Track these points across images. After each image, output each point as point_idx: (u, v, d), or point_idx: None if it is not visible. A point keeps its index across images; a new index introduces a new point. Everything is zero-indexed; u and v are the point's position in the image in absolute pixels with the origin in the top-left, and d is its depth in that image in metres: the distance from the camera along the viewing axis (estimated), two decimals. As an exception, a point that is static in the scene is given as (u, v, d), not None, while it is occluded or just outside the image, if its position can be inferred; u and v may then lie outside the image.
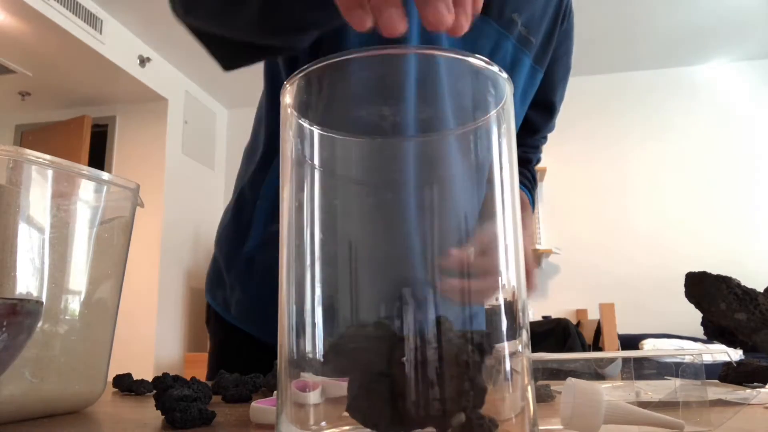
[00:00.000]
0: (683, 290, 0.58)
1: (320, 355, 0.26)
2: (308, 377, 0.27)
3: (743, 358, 1.21)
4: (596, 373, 0.46)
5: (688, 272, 0.58)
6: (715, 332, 0.59)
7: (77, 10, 3.41)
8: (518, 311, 0.27)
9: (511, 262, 0.28)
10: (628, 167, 4.26)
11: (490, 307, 0.27)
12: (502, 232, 0.28)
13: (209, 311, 0.92)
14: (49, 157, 0.49)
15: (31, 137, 4.40)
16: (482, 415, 0.24)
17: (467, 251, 0.26)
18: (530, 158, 1.02)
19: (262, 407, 0.44)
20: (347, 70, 0.29)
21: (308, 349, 0.27)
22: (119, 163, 4.32)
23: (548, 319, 3.56)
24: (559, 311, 3.99)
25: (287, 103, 0.30)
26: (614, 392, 0.48)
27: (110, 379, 0.64)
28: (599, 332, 3.28)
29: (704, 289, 0.56)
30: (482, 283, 0.27)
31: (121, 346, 1.23)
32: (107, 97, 4.27)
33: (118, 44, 3.76)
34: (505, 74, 0.29)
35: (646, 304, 3.93)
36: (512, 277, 0.28)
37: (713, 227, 4.06)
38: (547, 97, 0.94)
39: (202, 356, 3.96)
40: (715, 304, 0.55)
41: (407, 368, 0.24)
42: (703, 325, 0.60)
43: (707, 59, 4.26)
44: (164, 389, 0.48)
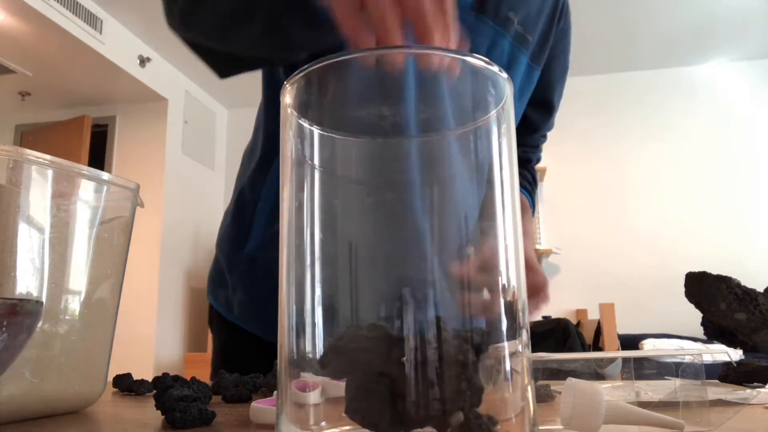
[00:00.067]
0: (683, 290, 0.58)
1: (320, 355, 0.26)
2: (308, 377, 0.27)
3: (743, 358, 1.21)
4: (596, 373, 0.46)
5: (688, 272, 0.58)
6: (715, 332, 0.59)
7: (77, 10, 3.41)
8: (518, 311, 0.27)
9: (511, 262, 0.28)
10: (627, 167, 4.26)
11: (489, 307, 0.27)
12: (502, 232, 0.28)
13: (212, 312, 0.92)
14: (49, 157, 0.49)
15: (31, 137, 4.40)
16: (480, 414, 0.24)
17: (468, 261, 0.26)
18: (530, 158, 1.02)
19: (262, 407, 0.44)
20: (347, 70, 0.29)
21: (308, 349, 0.27)
22: (119, 163, 4.32)
23: (548, 319, 3.56)
24: (559, 311, 3.99)
25: (287, 103, 0.30)
26: (614, 392, 0.48)
27: (110, 379, 0.64)
28: (599, 332, 3.28)
29: (704, 289, 0.56)
30: (483, 300, 0.27)
31: (121, 346, 1.23)
32: (107, 97, 4.27)
33: (118, 44, 3.75)
34: (505, 74, 0.29)
35: (646, 304, 3.93)
36: (512, 277, 0.28)
37: (713, 227, 4.06)
38: (545, 95, 0.94)
39: (202, 356, 3.96)
40: (715, 304, 0.55)
41: (407, 368, 0.24)
42: (703, 325, 0.60)
43: (707, 59, 4.26)
44: (164, 389, 0.48)
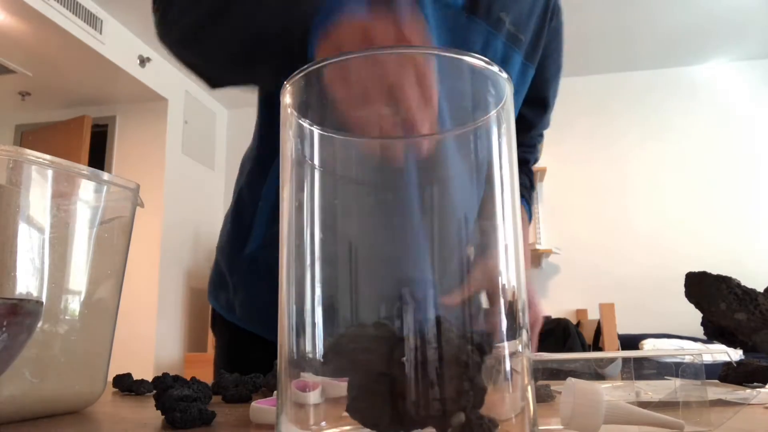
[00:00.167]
0: (683, 290, 0.58)
1: (320, 355, 0.26)
2: (308, 377, 0.27)
3: (743, 358, 1.21)
4: (596, 373, 0.46)
5: (688, 272, 0.58)
6: (715, 332, 0.59)
7: (77, 10, 3.41)
8: (518, 311, 0.27)
9: (511, 262, 0.28)
10: (627, 167, 4.26)
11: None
12: (502, 232, 0.28)
13: (214, 314, 0.92)
14: (49, 157, 0.49)
15: (31, 137, 4.40)
16: (482, 414, 0.24)
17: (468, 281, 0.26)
18: (527, 158, 1.02)
19: (262, 407, 0.44)
20: (347, 70, 0.29)
21: (308, 349, 0.27)
22: (119, 163, 4.32)
23: (548, 319, 3.56)
24: (559, 311, 3.99)
25: (287, 103, 0.30)
26: (614, 392, 0.48)
27: (110, 379, 0.64)
28: (599, 332, 3.28)
29: (704, 289, 0.56)
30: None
31: (121, 346, 1.23)
32: (107, 97, 4.27)
33: (118, 44, 3.76)
34: (504, 74, 0.29)
35: (646, 304, 3.93)
36: (512, 277, 0.28)
37: (713, 227, 4.06)
38: (540, 93, 0.95)
39: (202, 356, 3.96)
40: (715, 304, 0.55)
41: (407, 368, 0.24)
42: (703, 325, 0.60)
43: (706, 59, 4.26)
44: (164, 389, 0.48)
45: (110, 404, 0.58)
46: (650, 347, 3.42)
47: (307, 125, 0.29)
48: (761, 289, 0.56)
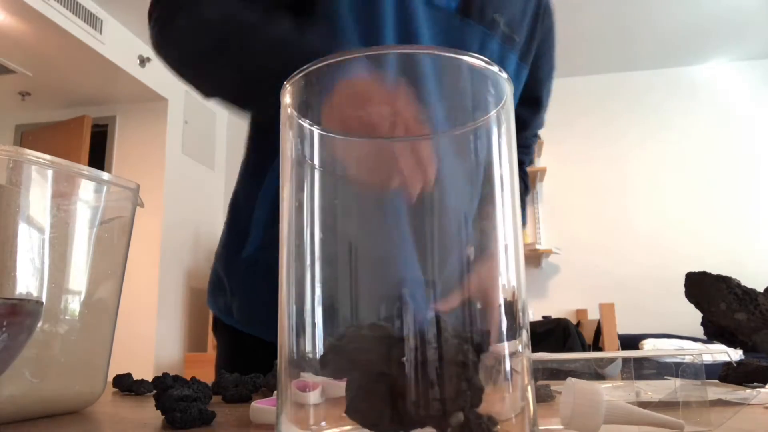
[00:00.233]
0: (683, 290, 0.58)
1: (320, 355, 0.26)
2: (308, 377, 0.27)
3: (743, 358, 1.21)
4: (596, 373, 0.46)
5: (688, 272, 0.58)
6: (715, 332, 0.59)
7: (77, 10, 3.41)
8: (518, 311, 0.27)
9: (511, 262, 0.28)
10: (627, 167, 4.26)
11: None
12: (502, 232, 0.28)
13: (215, 317, 0.92)
14: (49, 157, 0.49)
15: (31, 137, 4.40)
16: (480, 414, 0.24)
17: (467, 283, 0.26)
18: (522, 159, 1.02)
19: (262, 407, 0.44)
20: (347, 70, 0.29)
21: (308, 349, 0.27)
22: (119, 163, 4.32)
23: (548, 319, 3.56)
24: (559, 311, 3.99)
25: (287, 103, 0.30)
26: (614, 392, 0.48)
27: (110, 379, 0.64)
28: (599, 332, 3.28)
29: (704, 289, 0.56)
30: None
31: (121, 346, 1.23)
32: (107, 97, 4.27)
33: (118, 44, 3.75)
34: (504, 74, 0.29)
35: (646, 304, 3.93)
36: (512, 277, 0.27)
37: (713, 227, 4.06)
38: (533, 93, 0.95)
39: (202, 356, 3.96)
40: (715, 304, 0.55)
41: (407, 368, 0.24)
42: (703, 325, 0.60)
43: (706, 59, 4.26)
44: (164, 389, 0.48)
45: (110, 404, 0.58)
46: (650, 347, 3.42)
47: (307, 125, 0.29)
48: (761, 289, 0.56)
